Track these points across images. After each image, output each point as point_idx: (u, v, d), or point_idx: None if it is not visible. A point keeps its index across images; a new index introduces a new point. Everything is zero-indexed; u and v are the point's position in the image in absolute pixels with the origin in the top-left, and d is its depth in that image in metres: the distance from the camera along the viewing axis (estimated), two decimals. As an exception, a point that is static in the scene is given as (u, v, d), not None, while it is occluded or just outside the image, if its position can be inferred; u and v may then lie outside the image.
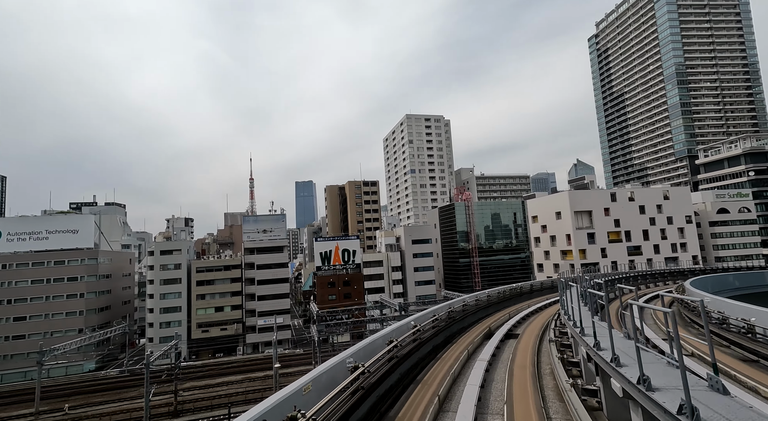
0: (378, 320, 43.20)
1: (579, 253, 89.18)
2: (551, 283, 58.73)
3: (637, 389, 7.42)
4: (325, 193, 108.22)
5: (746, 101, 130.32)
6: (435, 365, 19.19)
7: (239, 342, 71.83)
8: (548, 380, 15.89)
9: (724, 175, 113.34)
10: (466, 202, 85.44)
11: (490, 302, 39.34)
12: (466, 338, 25.73)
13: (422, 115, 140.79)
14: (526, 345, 22.14)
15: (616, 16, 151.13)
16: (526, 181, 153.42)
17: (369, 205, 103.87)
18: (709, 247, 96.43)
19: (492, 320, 33.26)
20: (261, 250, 74.87)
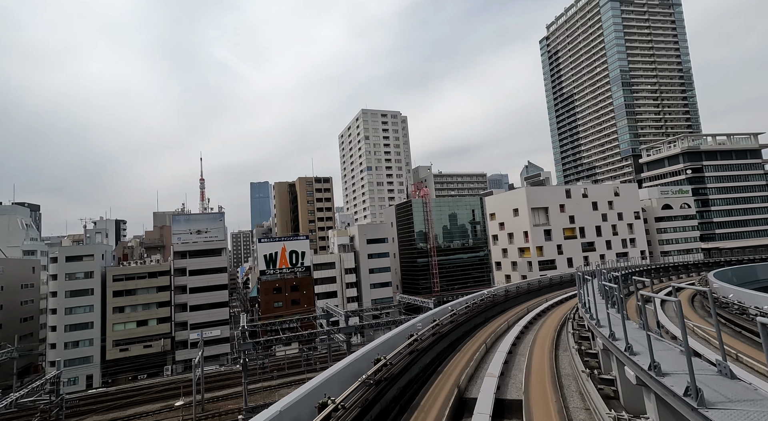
0: (324, 333, 36.78)
1: (536, 250, 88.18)
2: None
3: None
4: (274, 191, 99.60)
5: (681, 104, 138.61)
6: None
7: (167, 360, 62.11)
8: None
9: (664, 173, 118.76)
10: (424, 199, 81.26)
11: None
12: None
13: (378, 111, 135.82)
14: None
15: (565, 19, 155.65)
16: (483, 179, 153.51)
17: (322, 203, 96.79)
18: (655, 242, 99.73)
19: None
20: (194, 253, 65.54)
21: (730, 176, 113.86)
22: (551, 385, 14.11)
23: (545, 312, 32.81)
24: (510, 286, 44.47)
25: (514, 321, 28.25)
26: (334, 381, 11.27)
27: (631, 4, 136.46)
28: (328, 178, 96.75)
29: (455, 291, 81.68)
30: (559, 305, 36.26)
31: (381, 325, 37.15)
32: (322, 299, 72.74)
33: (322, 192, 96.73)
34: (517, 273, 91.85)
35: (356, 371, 12.47)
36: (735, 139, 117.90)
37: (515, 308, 36.89)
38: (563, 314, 30.03)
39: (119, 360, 59.32)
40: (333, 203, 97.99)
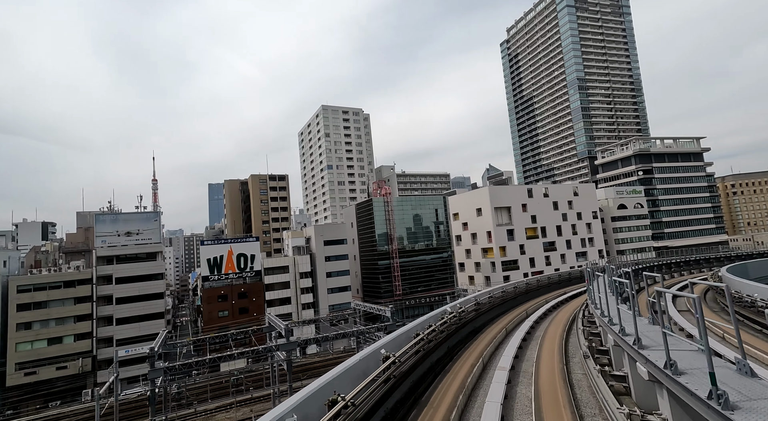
0: (270, 350, 31.13)
1: (499, 250, 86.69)
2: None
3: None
4: (224, 190, 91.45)
5: (632, 109, 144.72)
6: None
7: (88, 383, 53.32)
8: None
9: (618, 174, 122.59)
10: (386, 198, 77.14)
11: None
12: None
13: (339, 107, 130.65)
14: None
15: (525, 23, 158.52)
16: (446, 179, 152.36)
17: (277, 202, 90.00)
18: (612, 241, 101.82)
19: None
20: (123, 258, 57.12)
21: (676, 178, 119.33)
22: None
23: (546, 316, 29.76)
24: (507, 285, 41.88)
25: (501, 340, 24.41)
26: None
27: (586, 10, 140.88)
28: (283, 175, 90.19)
29: (418, 294, 78.19)
30: (561, 307, 33.40)
31: (330, 339, 32.24)
32: (275, 307, 66.50)
33: (278, 191, 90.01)
34: (481, 274, 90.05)
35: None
36: (680, 143, 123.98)
37: (510, 314, 33.23)
38: (568, 317, 27.30)
39: (24, 386, 49.96)
40: (289, 203, 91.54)
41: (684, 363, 7.45)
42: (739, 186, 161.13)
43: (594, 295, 16.62)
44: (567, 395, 13.52)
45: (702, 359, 7.28)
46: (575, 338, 20.89)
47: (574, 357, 18.20)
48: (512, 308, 36.59)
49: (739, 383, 6.32)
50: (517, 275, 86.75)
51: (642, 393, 10.64)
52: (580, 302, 34.73)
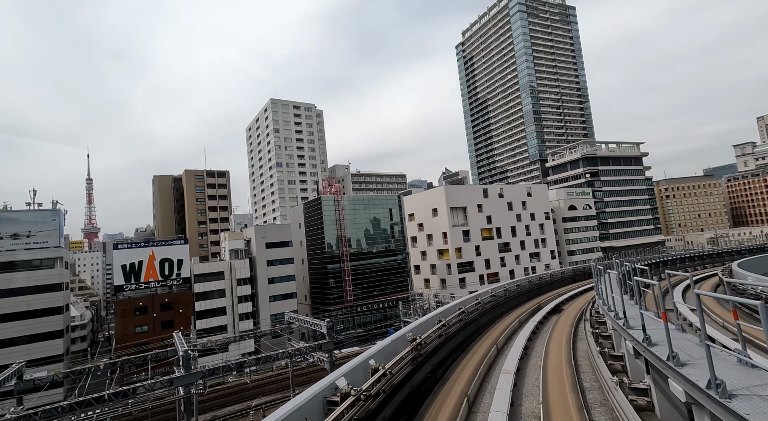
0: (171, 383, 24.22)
1: (455, 251, 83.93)
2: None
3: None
4: (154, 186, 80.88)
5: (579, 114, 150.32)
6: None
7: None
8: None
9: (567, 177, 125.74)
10: (336, 197, 71.46)
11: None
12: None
13: (290, 102, 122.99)
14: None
15: (479, 26, 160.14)
16: (403, 180, 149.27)
17: (216, 201, 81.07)
18: (563, 242, 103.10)
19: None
20: (5, 265, 46.61)
21: (619, 181, 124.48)
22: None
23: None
24: (498, 287, 37.49)
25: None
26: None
27: (537, 17, 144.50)
28: (223, 172, 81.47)
29: (372, 299, 73.15)
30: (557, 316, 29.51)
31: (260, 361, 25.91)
32: (208, 318, 58.37)
33: (217, 188, 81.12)
34: (436, 277, 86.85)
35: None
36: (623, 148, 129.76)
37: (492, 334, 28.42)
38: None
39: None
40: (230, 201, 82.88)
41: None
42: (671, 190, 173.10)
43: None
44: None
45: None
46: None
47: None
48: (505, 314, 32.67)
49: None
50: (473, 277, 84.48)
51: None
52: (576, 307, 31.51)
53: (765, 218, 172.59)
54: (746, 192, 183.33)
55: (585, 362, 17.36)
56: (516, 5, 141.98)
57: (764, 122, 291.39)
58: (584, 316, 23.88)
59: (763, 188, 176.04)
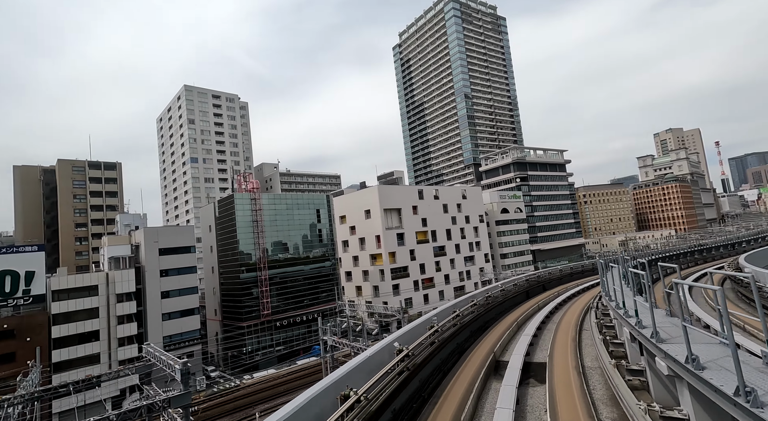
0: None
1: (389, 256, 78.28)
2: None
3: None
4: (14, 179, 63.68)
5: (509, 122, 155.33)
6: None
7: None
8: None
9: (499, 181, 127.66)
10: (253, 194, 61.78)
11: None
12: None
13: (209, 90, 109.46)
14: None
15: (416, 29, 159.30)
16: (338, 181, 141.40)
17: (101, 199, 66.36)
18: (496, 245, 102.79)
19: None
20: None
21: (546, 186, 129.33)
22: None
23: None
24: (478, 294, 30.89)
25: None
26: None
27: (471, 23, 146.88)
28: (112, 163, 67.13)
29: (295, 311, 64.20)
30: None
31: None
32: (71, 346, 45.41)
33: (103, 183, 66.56)
34: (369, 284, 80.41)
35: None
36: (549, 154, 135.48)
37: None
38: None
39: None
40: (122, 199, 68.56)
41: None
42: (588, 196, 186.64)
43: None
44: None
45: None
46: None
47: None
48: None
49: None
50: (407, 283, 79.45)
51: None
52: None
53: (664, 222, 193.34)
54: (648, 199, 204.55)
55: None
56: (451, 10, 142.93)
57: (659, 138, 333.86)
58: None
59: (661, 196, 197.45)
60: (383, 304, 77.97)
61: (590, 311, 24.95)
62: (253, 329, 59.80)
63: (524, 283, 44.00)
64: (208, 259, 69.34)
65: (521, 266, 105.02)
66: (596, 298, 27.69)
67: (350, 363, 12.73)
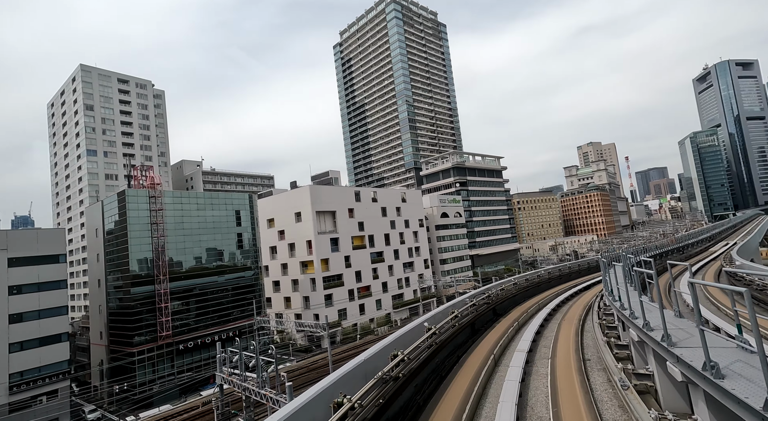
0: None
1: (321, 263, 70.92)
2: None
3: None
4: None
5: (449, 127, 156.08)
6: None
7: None
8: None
9: (440, 186, 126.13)
10: (152, 191, 51.11)
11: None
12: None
13: (114, 73, 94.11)
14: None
15: (357, 28, 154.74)
16: (271, 182, 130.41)
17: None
18: (435, 250, 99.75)
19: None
20: None
21: (484, 191, 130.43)
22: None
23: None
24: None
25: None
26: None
27: (412, 26, 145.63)
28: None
29: (205, 330, 54.09)
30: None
31: None
32: None
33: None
34: (299, 294, 72.25)
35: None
36: (487, 160, 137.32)
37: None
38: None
39: None
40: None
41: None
42: (522, 203, 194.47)
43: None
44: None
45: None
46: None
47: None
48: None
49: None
50: (341, 292, 72.57)
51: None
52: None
53: (587, 228, 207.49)
54: (573, 206, 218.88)
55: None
56: (393, 11, 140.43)
57: (582, 151, 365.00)
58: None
59: (585, 203, 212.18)
60: (314, 318, 70.27)
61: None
62: (148, 355, 48.86)
63: (512, 287, 38.40)
64: (95, 270, 56.59)
65: (460, 271, 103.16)
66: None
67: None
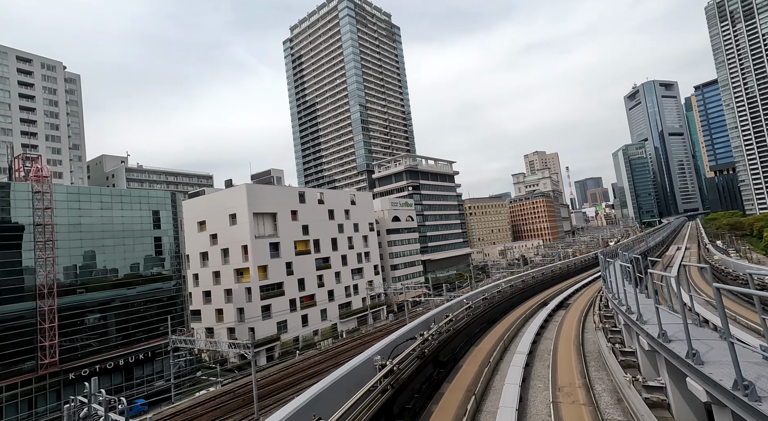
0: None
1: (258, 271, 63.66)
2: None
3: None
4: None
5: (403, 130, 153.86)
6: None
7: None
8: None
9: (392, 189, 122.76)
10: (38, 185, 41.66)
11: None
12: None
13: (13, 49, 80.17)
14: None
15: (308, 24, 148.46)
16: (210, 182, 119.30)
17: None
18: (386, 255, 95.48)
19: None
20: None
21: (437, 195, 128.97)
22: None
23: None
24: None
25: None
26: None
27: (366, 26, 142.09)
28: None
29: (106, 354, 44.95)
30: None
31: None
32: None
33: None
34: (232, 306, 64.26)
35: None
36: (440, 165, 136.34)
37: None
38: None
39: None
40: None
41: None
42: (473, 208, 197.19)
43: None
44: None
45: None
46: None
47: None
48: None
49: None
50: (281, 303, 65.62)
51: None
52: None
53: (534, 233, 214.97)
54: (521, 212, 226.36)
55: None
56: (345, 9, 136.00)
57: (528, 159, 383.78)
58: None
59: (531, 209, 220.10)
60: (249, 332, 62.75)
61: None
62: (22, 389, 39.19)
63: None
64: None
65: (412, 277, 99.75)
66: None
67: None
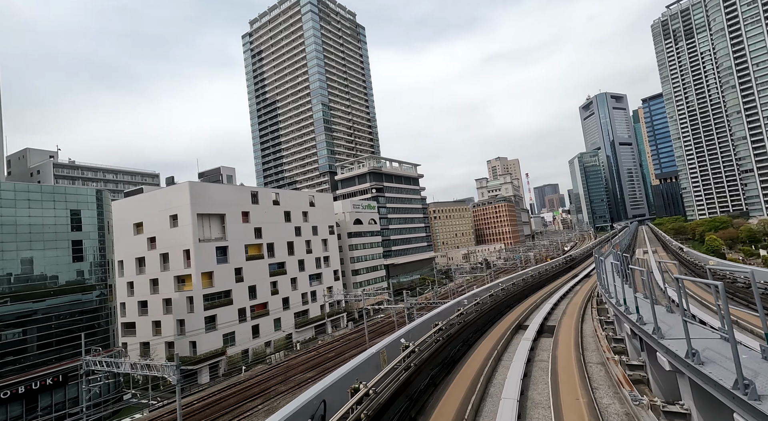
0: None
1: (203, 277, 57.55)
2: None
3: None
4: None
5: (367, 132, 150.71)
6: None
7: None
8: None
9: (355, 191, 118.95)
10: None
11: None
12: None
13: None
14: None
15: (269, 18, 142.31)
16: (156, 180, 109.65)
17: None
18: (347, 259, 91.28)
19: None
20: None
21: (401, 198, 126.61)
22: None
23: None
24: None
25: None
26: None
27: (329, 24, 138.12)
28: None
29: (5, 380, 37.65)
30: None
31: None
32: None
33: None
34: (172, 317, 57.63)
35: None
36: (404, 167, 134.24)
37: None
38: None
39: None
40: None
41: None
42: (437, 212, 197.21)
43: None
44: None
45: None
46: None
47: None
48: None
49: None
50: (228, 313, 59.69)
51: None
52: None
53: (496, 237, 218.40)
54: (484, 216, 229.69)
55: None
56: (308, 5, 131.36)
57: (491, 165, 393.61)
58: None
59: (494, 213, 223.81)
60: (191, 346, 56.51)
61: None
62: None
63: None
64: None
65: (374, 282, 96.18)
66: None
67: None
